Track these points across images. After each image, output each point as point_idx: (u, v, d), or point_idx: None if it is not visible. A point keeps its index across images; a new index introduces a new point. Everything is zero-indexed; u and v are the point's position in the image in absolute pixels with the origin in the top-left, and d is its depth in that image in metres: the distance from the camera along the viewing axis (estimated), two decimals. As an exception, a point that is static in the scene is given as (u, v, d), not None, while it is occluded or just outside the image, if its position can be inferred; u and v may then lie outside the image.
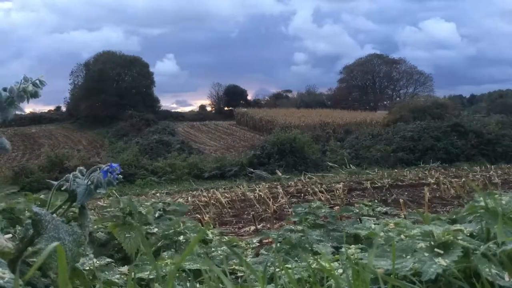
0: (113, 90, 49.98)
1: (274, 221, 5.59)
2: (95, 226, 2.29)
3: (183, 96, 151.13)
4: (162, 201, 3.17)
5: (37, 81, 1.14)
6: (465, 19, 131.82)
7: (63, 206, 1.21)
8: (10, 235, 1.24)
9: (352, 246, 1.66)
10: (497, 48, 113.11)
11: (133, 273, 1.47)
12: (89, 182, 1.15)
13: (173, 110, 63.64)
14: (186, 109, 62.75)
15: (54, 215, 1.17)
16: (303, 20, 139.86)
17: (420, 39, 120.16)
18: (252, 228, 5.47)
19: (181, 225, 2.30)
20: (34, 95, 1.13)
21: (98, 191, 1.15)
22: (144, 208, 2.44)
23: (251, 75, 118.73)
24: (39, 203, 1.97)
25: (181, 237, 2.19)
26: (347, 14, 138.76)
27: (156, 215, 2.59)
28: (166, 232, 2.23)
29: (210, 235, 2.39)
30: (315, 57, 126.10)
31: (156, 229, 2.32)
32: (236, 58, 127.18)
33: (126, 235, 2.10)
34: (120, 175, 1.18)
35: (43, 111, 58.36)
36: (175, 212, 3.07)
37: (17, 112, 1.14)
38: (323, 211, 2.71)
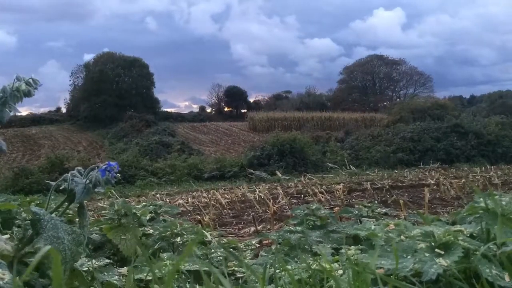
0: (113, 91, 49.98)
1: (274, 222, 5.58)
2: (91, 229, 2.28)
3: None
4: (153, 204, 3.16)
5: (30, 80, 1.13)
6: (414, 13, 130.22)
7: (62, 206, 1.20)
8: (7, 236, 1.23)
9: (352, 247, 1.65)
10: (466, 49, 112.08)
11: (132, 274, 1.47)
12: (88, 181, 1.15)
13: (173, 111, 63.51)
14: (172, 110, 61.80)
15: (53, 214, 1.17)
16: (209, 18, 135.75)
17: (369, 38, 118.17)
18: (252, 229, 5.47)
19: (178, 226, 2.28)
20: (28, 94, 1.13)
21: (96, 189, 1.15)
22: (138, 210, 2.43)
23: (211, 77, 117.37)
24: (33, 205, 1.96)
25: (178, 239, 2.17)
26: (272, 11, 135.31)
27: (148, 217, 2.58)
28: (163, 234, 2.21)
29: (209, 237, 2.38)
30: (260, 56, 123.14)
31: (151, 230, 2.30)
32: (186, 59, 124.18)
33: (122, 237, 2.09)
34: (118, 174, 1.17)
35: (43, 112, 58.41)
36: (165, 213, 3.06)
37: (12, 113, 1.13)
38: (322, 212, 2.70)
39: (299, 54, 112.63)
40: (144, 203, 3.23)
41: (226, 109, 66.15)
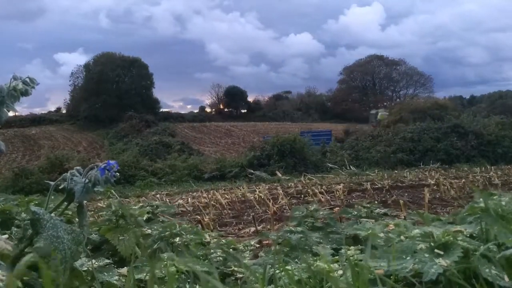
0: (113, 91, 50.03)
1: (274, 222, 5.58)
2: (90, 229, 2.28)
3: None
4: (150, 205, 3.15)
5: (27, 79, 1.13)
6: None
7: (61, 205, 1.20)
8: (6, 236, 1.23)
9: (352, 247, 1.65)
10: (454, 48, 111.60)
11: (132, 274, 1.46)
12: (87, 180, 1.14)
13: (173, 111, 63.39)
14: (167, 110, 61.67)
15: (53, 214, 1.17)
16: (171, 18, 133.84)
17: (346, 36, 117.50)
18: (252, 229, 5.46)
19: (177, 226, 2.28)
20: (25, 93, 1.12)
21: (96, 188, 1.14)
22: (135, 211, 2.43)
23: (193, 77, 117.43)
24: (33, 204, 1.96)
25: (177, 239, 2.16)
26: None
27: (145, 218, 2.57)
28: (162, 234, 2.21)
29: (208, 238, 2.37)
30: (240, 55, 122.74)
31: (149, 231, 2.30)
32: (166, 59, 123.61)
33: (120, 238, 2.09)
34: (118, 173, 1.17)
35: (43, 112, 58.48)
36: (163, 213, 3.06)
37: (10, 113, 1.12)
38: (321, 213, 2.70)
39: (280, 53, 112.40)
40: (141, 204, 3.23)
41: (226, 109, 66.17)
